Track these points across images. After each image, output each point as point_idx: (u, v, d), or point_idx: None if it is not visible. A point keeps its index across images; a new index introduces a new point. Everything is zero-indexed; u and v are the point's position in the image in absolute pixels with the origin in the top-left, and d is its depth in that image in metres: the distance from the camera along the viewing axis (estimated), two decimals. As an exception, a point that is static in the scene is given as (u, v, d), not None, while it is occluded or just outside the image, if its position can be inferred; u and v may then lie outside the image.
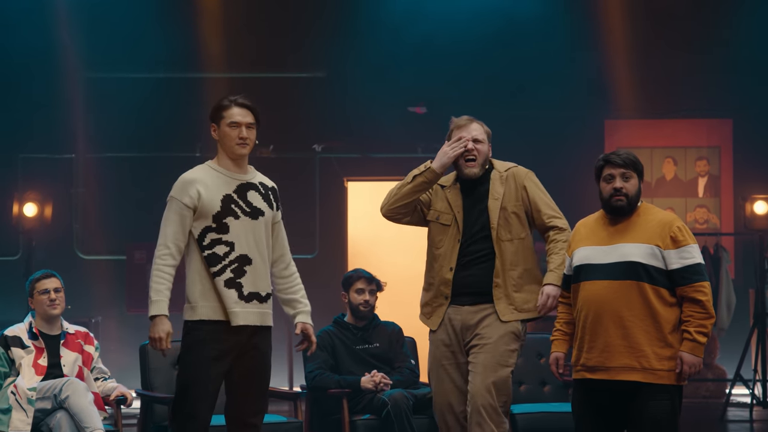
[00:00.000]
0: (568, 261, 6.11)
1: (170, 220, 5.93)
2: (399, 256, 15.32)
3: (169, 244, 5.90)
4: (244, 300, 5.93)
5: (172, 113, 13.22)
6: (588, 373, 5.96)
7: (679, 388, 5.93)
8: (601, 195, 6.03)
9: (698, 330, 5.85)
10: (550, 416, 7.84)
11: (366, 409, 7.66)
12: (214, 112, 6.08)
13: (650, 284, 5.88)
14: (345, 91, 13.95)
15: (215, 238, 5.92)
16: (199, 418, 5.91)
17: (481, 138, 6.77)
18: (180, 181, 5.99)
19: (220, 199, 5.95)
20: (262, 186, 6.13)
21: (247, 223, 5.99)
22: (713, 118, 14.50)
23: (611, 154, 6.04)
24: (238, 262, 5.94)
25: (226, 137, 6.04)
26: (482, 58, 13.90)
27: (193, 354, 5.89)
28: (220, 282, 5.89)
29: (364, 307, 7.96)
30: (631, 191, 5.99)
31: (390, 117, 13.92)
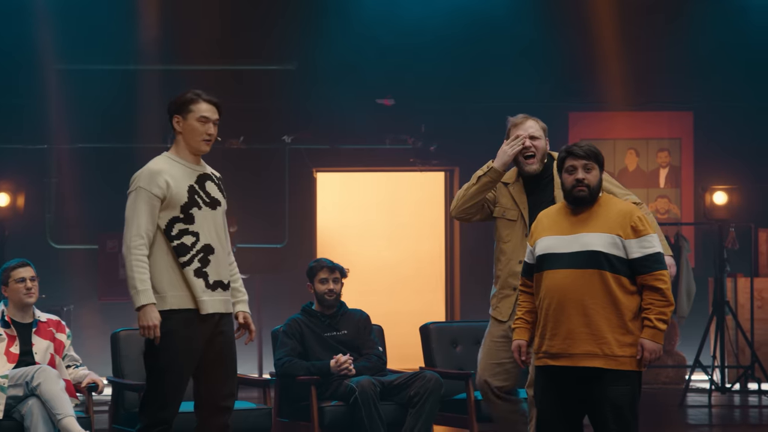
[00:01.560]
0: (530, 250, 6.13)
1: (141, 211, 5.90)
2: (367, 246, 15.37)
3: (142, 234, 5.88)
4: (210, 288, 5.94)
5: (144, 105, 13.17)
6: (551, 360, 5.98)
7: (639, 374, 5.96)
8: (564, 186, 6.05)
9: (658, 317, 5.89)
10: (514, 402, 7.86)
11: (334, 395, 7.67)
12: (181, 104, 6.02)
13: (611, 273, 5.91)
14: (314, 83, 13.92)
15: (183, 229, 5.91)
16: (171, 406, 5.91)
17: (538, 134, 6.83)
18: (147, 171, 5.96)
19: (186, 190, 5.94)
20: (214, 177, 6.13)
21: (208, 213, 5.99)
22: (674, 110, 14.55)
23: (573, 146, 6.06)
24: (204, 251, 5.94)
25: (193, 131, 6.01)
26: (449, 51, 13.90)
27: (165, 343, 5.88)
28: (189, 272, 5.89)
29: (329, 295, 7.95)
30: (593, 182, 6.01)
31: (358, 109, 13.91)
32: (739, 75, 14.14)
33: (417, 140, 14.04)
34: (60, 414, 6.87)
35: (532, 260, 6.10)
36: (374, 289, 14.29)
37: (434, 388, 7.59)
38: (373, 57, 13.80)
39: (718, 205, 12.65)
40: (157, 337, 5.83)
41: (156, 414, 5.88)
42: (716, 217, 12.69)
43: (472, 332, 8.48)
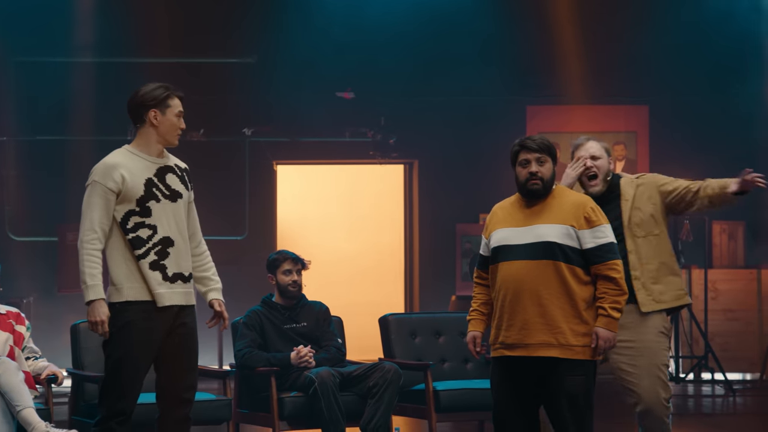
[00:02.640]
0: (485, 242, 6.15)
1: (95, 205, 5.89)
2: (327, 238, 15.37)
3: (96, 228, 5.87)
4: (168, 281, 5.93)
5: (103, 97, 13.11)
6: (507, 351, 6.00)
7: (594, 363, 6.01)
8: (517, 179, 6.08)
9: (612, 306, 5.93)
10: (471, 392, 7.89)
11: (294, 386, 7.67)
12: (158, 99, 6.00)
13: (566, 263, 5.94)
14: (275, 76, 13.91)
15: (138, 222, 5.91)
16: (129, 397, 5.91)
17: (599, 154, 6.75)
18: (102, 165, 5.94)
19: (143, 183, 5.93)
20: (177, 168, 6.12)
21: (168, 206, 5.97)
22: (630, 104, 14.62)
23: (526, 140, 6.09)
24: (162, 244, 5.93)
25: (170, 126, 6.01)
26: (409, 46, 13.91)
27: (122, 335, 5.88)
28: (144, 264, 5.89)
29: (293, 287, 7.96)
30: (546, 175, 6.05)
31: (318, 102, 13.91)
32: (694, 69, 14.22)
33: (376, 133, 14.05)
34: (19, 405, 6.83)
35: (487, 252, 6.12)
36: (334, 280, 14.29)
37: (393, 379, 7.61)
38: (332, 51, 13.79)
39: (673, 197, 12.70)
40: (105, 332, 5.84)
41: (114, 405, 5.88)
42: (671, 209, 12.75)
43: (430, 323, 8.51)
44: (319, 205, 15.52)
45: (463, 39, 13.96)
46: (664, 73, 14.29)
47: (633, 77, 14.33)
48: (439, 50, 14.00)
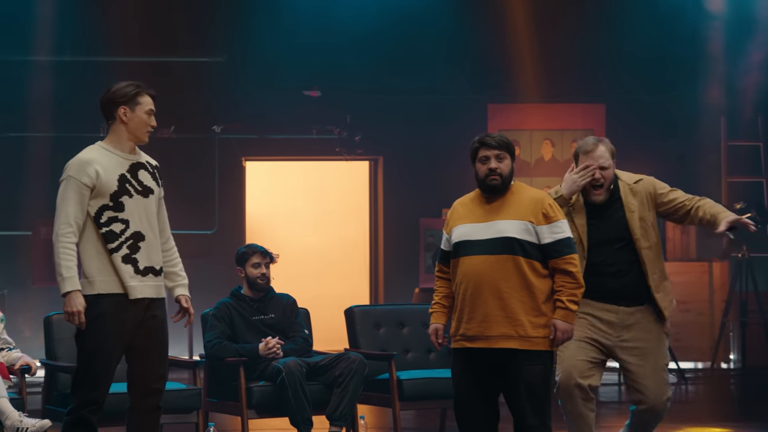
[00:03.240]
0: (446, 238, 6.15)
1: (70, 199, 5.87)
2: (295, 232, 15.36)
3: (71, 222, 5.85)
4: (140, 274, 5.91)
5: (76, 95, 13.04)
6: (467, 342, 6.00)
7: (551, 353, 6.02)
8: (477, 175, 6.08)
9: (570, 299, 5.94)
10: (434, 381, 7.90)
11: (262, 376, 7.66)
12: (128, 96, 5.98)
13: (525, 258, 5.95)
14: (243, 75, 13.89)
15: (112, 216, 5.89)
16: (101, 387, 5.90)
17: (607, 164, 6.57)
18: (77, 161, 5.92)
19: (116, 179, 5.91)
20: (149, 165, 6.09)
21: (140, 201, 5.96)
22: (587, 103, 14.67)
23: (486, 137, 6.09)
24: (133, 238, 5.91)
25: (140, 122, 5.98)
26: (375, 45, 13.91)
27: (95, 327, 5.86)
28: (117, 258, 5.87)
29: (261, 280, 7.94)
30: (505, 171, 6.04)
31: (286, 100, 13.90)
32: (648, 69, 14.28)
33: (343, 131, 14.05)
34: (-7, 395, 6.80)
35: (449, 247, 6.11)
36: (301, 273, 14.28)
37: (358, 369, 7.61)
38: (300, 51, 13.78)
39: (628, 193, 12.75)
40: (82, 322, 5.82)
41: (87, 394, 5.87)
42: (627, 204, 12.80)
43: (395, 315, 8.51)
44: (287, 200, 15.50)
45: (427, 40, 13.97)
46: (620, 73, 14.35)
47: (590, 77, 14.39)
48: (403, 50, 14.01)
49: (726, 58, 14.08)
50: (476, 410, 6.06)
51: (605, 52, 14.21)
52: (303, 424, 7.49)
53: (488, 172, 6.03)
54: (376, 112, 14.10)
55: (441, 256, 6.21)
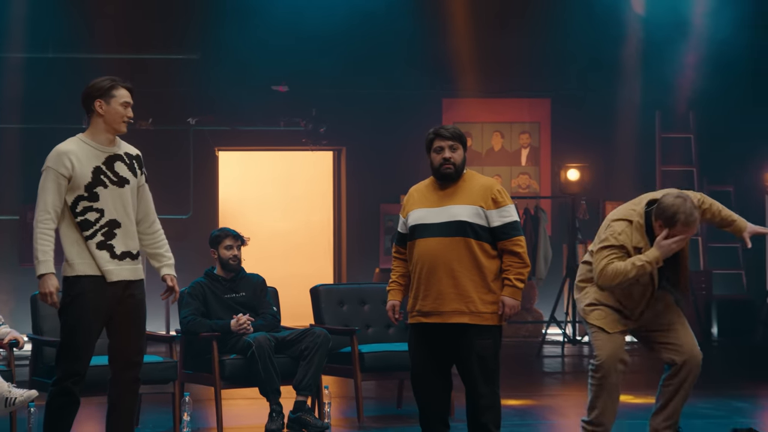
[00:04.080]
0: (403, 221, 6.16)
1: (48, 189, 5.85)
2: (264, 217, 15.34)
3: (49, 210, 5.83)
4: (117, 258, 5.89)
5: (59, 90, 12.97)
6: (423, 318, 6.03)
7: (500, 327, 6.05)
8: (432, 164, 6.09)
9: (517, 277, 5.97)
10: (392, 354, 7.91)
11: (233, 350, 7.65)
12: (103, 89, 5.95)
13: (475, 240, 5.97)
14: (216, 71, 13.85)
15: (87, 206, 5.87)
16: (83, 360, 5.89)
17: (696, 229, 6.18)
18: (55, 152, 5.90)
19: (90, 171, 5.88)
20: (127, 156, 6.04)
21: (115, 191, 5.92)
22: (534, 98, 14.71)
23: (440, 129, 6.11)
24: (108, 226, 5.89)
25: (115, 114, 5.94)
26: (338, 45, 13.90)
27: (76, 305, 5.85)
28: (92, 245, 5.85)
29: (233, 261, 7.92)
30: (458, 160, 6.06)
31: (256, 95, 13.88)
32: (589, 67, 14.35)
33: (308, 123, 14.05)
34: (-17, 368, 6.76)
35: (405, 230, 6.13)
36: (270, 255, 14.26)
37: (323, 343, 7.61)
38: (269, 49, 13.75)
39: (571, 181, 12.83)
40: (55, 302, 5.83)
41: (70, 366, 5.86)
42: (570, 191, 12.88)
43: (356, 293, 8.52)
44: (257, 187, 15.48)
45: (387, 39, 13.97)
46: (565, 69, 14.40)
47: (536, 74, 14.43)
48: (365, 50, 14.00)
49: (661, 58, 14.15)
50: (431, 381, 6.08)
51: (550, 51, 14.26)
52: (272, 394, 7.49)
53: (442, 161, 6.05)
54: (339, 105, 14.09)
55: (397, 238, 6.23)
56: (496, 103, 14.67)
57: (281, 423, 7.45)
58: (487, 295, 5.98)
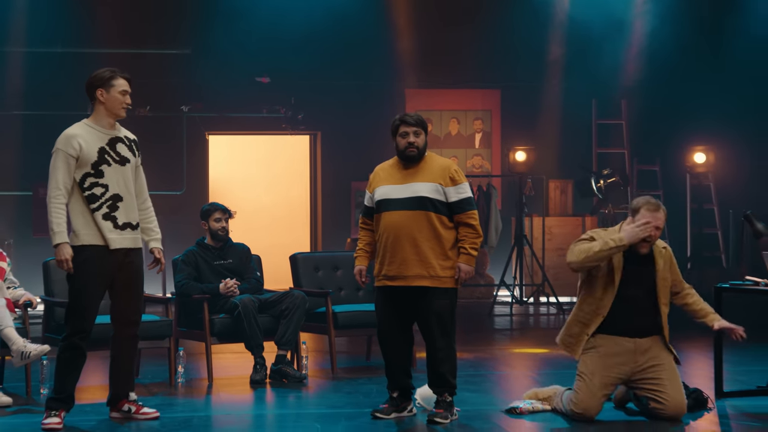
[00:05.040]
0: (369, 196, 6.17)
1: (59, 168, 5.86)
2: (249, 193, 15.30)
3: (60, 186, 5.85)
4: (119, 229, 5.90)
5: (65, 81, 12.86)
6: (389, 281, 6.04)
7: (456, 290, 6.08)
8: (398, 147, 6.11)
9: (471, 246, 6.00)
10: (362, 314, 7.92)
11: (222, 310, 7.64)
12: (104, 79, 5.96)
13: (435, 213, 6.00)
14: (206, 64, 13.77)
15: (93, 182, 5.88)
16: (88, 318, 5.91)
17: (661, 226, 6.04)
18: (64, 135, 5.90)
19: (96, 151, 5.88)
20: (127, 139, 6.06)
21: (118, 169, 5.93)
22: (487, 88, 14.71)
23: (405, 116, 6.12)
24: (112, 199, 5.90)
25: (115, 101, 5.94)
26: (314, 41, 13.83)
27: (82, 270, 5.87)
28: (98, 216, 5.86)
29: (222, 231, 7.89)
30: (421, 144, 6.08)
31: (242, 85, 13.83)
32: (533, 61, 14.34)
33: (288, 110, 14.01)
34: (1, 325, 6.72)
35: (371, 204, 6.15)
36: (254, 226, 14.23)
37: (301, 304, 7.61)
38: (253, 44, 13.69)
39: (518, 161, 12.86)
40: (70, 267, 5.84)
41: (77, 324, 5.88)
42: (517, 171, 12.91)
43: (330, 260, 8.51)
44: (243, 167, 15.42)
45: (358, 38, 13.92)
46: (513, 64, 14.40)
47: (488, 67, 14.42)
48: (338, 46, 13.95)
49: (597, 53, 14.17)
50: (395, 337, 6.11)
51: (500, 48, 14.25)
52: (255, 348, 7.49)
53: (407, 145, 6.06)
54: (315, 95, 14.05)
55: (364, 210, 6.24)
56: (453, 93, 14.66)
57: (264, 374, 7.45)
58: (445, 261, 6.00)
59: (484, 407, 6.45)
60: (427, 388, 6.20)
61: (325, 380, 7.58)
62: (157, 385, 7.38)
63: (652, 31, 14.30)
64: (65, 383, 5.94)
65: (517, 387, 7.23)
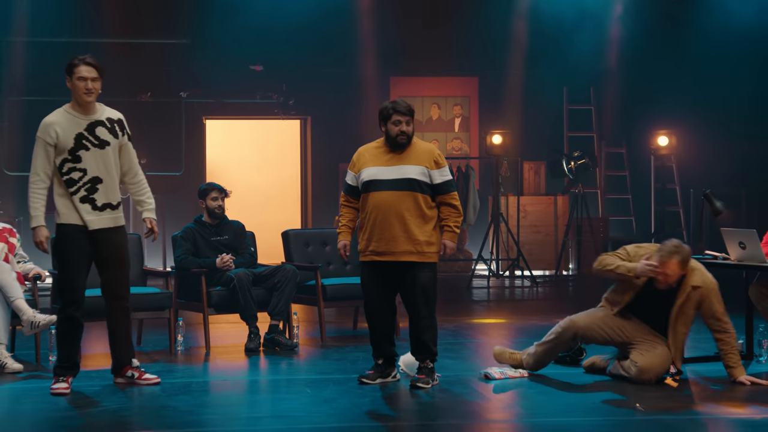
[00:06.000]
0: (353, 176, 6.17)
1: (38, 155, 5.87)
2: (244, 173, 15.27)
3: (39, 172, 5.86)
4: (98, 210, 5.88)
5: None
6: (377, 257, 6.06)
7: (436, 264, 6.11)
8: (389, 133, 6.10)
9: (455, 224, 6.05)
10: (349, 286, 7.93)
11: (218, 283, 7.63)
12: (68, 67, 5.93)
13: (421, 194, 6.02)
14: (203, 53, 13.71)
15: (71, 167, 5.85)
16: (77, 290, 5.91)
17: (672, 275, 6.00)
18: (43, 124, 5.90)
19: (73, 137, 5.85)
20: (108, 121, 5.97)
21: (97, 153, 5.88)
22: (465, 76, 14.69)
23: (398, 104, 6.12)
24: (91, 182, 5.87)
25: (75, 88, 5.90)
26: (305, 31, 13.78)
27: (64, 246, 5.90)
28: (76, 199, 5.86)
29: (218, 210, 7.88)
30: (410, 132, 6.13)
31: (237, 73, 13.77)
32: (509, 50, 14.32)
33: (280, 96, 13.96)
34: (13, 297, 6.71)
35: (355, 183, 6.16)
36: (249, 205, 14.21)
37: (292, 277, 7.61)
38: (248, 34, 13.63)
39: (495, 144, 12.87)
40: (45, 249, 5.89)
41: (67, 296, 5.92)
42: (494, 153, 12.92)
43: (320, 237, 8.51)
44: (237, 149, 15.38)
45: (346, 28, 13.88)
46: (490, 53, 14.38)
47: (467, 55, 14.40)
48: (328, 36, 13.89)
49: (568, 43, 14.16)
50: (380, 308, 6.12)
51: (478, 38, 14.22)
52: (250, 319, 7.49)
53: (399, 132, 6.08)
54: (305, 82, 14.01)
55: (347, 189, 6.24)
56: (434, 80, 14.63)
57: (258, 342, 7.46)
58: (429, 238, 6.04)
59: (463, 373, 6.47)
60: (410, 356, 6.21)
61: (314, 348, 7.59)
62: (158, 352, 7.38)
63: (619, 21, 14.30)
64: (69, 352, 5.94)
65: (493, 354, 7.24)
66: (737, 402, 5.69)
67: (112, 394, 5.91)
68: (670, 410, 5.48)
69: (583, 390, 5.99)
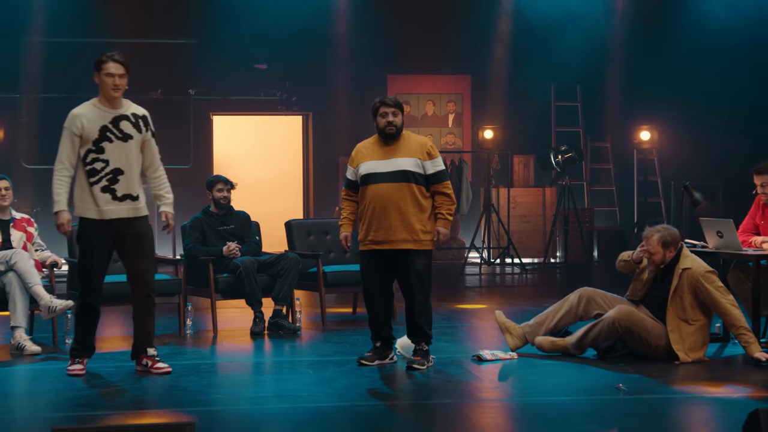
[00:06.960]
0: (352, 171, 6.17)
1: (64, 144, 5.85)
2: (249, 167, 15.26)
3: (64, 161, 5.83)
4: (118, 200, 5.85)
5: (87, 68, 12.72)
6: (376, 246, 6.06)
7: (432, 251, 6.11)
8: (378, 126, 6.11)
9: (448, 212, 6.05)
10: (349, 273, 7.93)
11: (225, 270, 7.63)
12: (96, 64, 5.88)
13: (416, 184, 6.02)
14: (211, 53, 13.70)
15: (94, 157, 5.82)
16: (95, 278, 5.89)
17: (653, 251, 6.15)
18: (70, 115, 5.86)
19: (98, 129, 5.82)
20: (133, 116, 5.94)
21: (120, 145, 5.85)
22: (459, 74, 14.68)
23: (384, 98, 6.14)
24: (113, 173, 5.83)
25: (103, 84, 5.86)
26: (306, 31, 13.77)
27: (81, 237, 5.91)
28: (97, 189, 5.83)
29: (224, 200, 7.88)
30: (398, 123, 6.09)
31: (242, 71, 13.77)
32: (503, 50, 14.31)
33: (283, 93, 13.96)
34: (31, 283, 6.71)
35: (354, 177, 6.15)
36: (253, 196, 14.20)
37: (295, 264, 7.61)
38: (253, 34, 13.62)
39: (487, 139, 12.86)
40: (66, 231, 5.88)
41: (85, 284, 5.88)
42: (486, 147, 12.91)
43: (321, 226, 8.51)
44: (243, 144, 15.37)
45: (346, 29, 13.87)
46: (482, 52, 14.37)
47: (460, 55, 14.39)
48: (329, 36, 13.90)
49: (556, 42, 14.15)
50: (379, 293, 6.12)
51: (470, 38, 14.22)
52: (255, 304, 7.49)
53: (387, 123, 6.07)
54: (307, 79, 14.00)
55: (347, 183, 6.23)
56: (429, 78, 14.62)
57: (263, 326, 7.46)
58: (425, 227, 6.04)
59: (457, 355, 6.48)
60: (406, 339, 6.22)
61: (316, 332, 7.60)
62: (169, 336, 7.39)
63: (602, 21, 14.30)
64: (85, 337, 5.94)
65: (485, 337, 7.27)
66: (715, 382, 5.71)
67: (126, 376, 5.92)
68: (650, 390, 5.49)
69: (570, 371, 6.01)
